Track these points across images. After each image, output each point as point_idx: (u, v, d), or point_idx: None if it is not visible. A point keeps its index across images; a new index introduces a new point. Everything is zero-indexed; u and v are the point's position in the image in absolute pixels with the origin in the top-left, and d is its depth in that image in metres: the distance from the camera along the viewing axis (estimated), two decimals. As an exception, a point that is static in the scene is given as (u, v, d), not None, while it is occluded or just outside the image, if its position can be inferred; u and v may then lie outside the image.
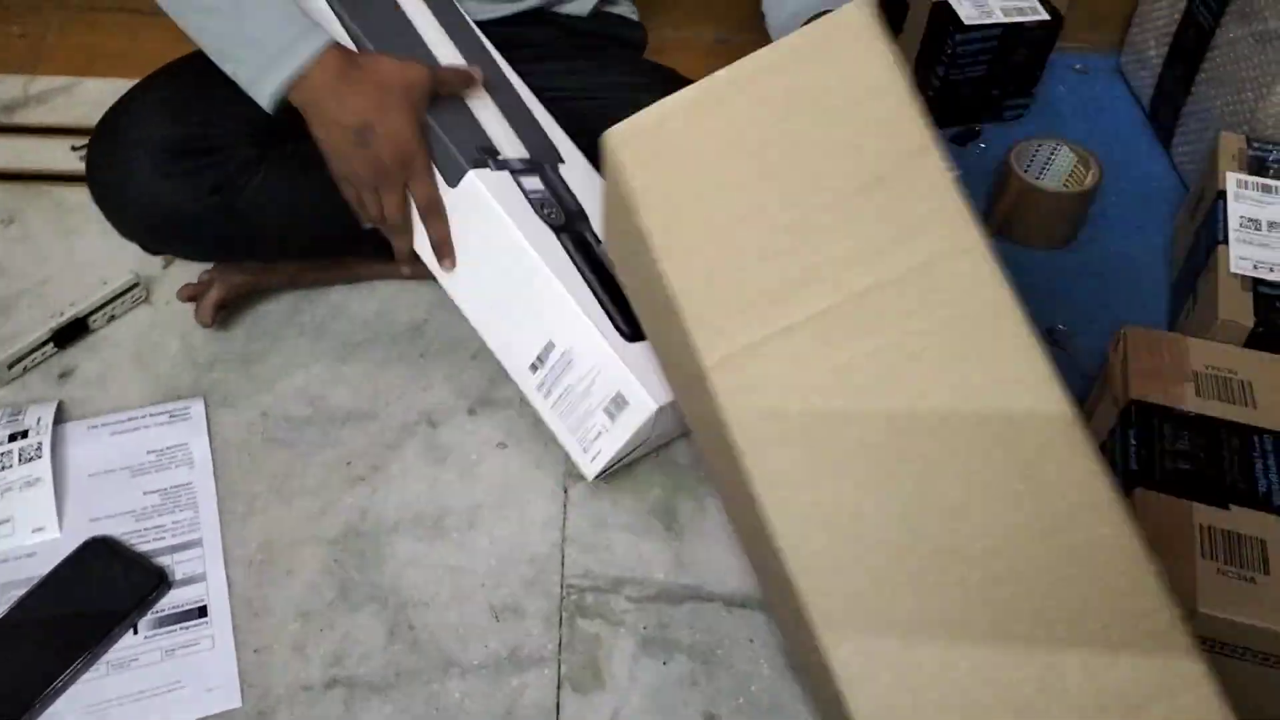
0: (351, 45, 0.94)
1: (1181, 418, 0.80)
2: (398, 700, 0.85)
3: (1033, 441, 0.52)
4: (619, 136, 0.62)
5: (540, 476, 1.01)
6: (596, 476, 0.95)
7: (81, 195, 1.00)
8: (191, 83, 0.98)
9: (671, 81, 1.10)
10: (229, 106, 0.96)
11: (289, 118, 1.01)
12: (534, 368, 0.94)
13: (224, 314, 1.11)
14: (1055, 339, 1.18)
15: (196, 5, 0.89)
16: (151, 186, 0.93)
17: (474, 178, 0.91)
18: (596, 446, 0.93)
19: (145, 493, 0.98)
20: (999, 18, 1.34)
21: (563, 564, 0.95)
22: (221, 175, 0.95)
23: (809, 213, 0.59)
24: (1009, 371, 0.53)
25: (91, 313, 1.11)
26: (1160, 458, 0.77)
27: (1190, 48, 1.35)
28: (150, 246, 1.02)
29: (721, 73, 0.62)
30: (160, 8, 0.91)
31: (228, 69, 0.89)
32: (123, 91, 1.01)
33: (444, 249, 0.95)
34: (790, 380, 0.56)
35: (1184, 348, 0.85)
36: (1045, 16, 1.36)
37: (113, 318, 1.13)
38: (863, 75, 0.60)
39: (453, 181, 0.92)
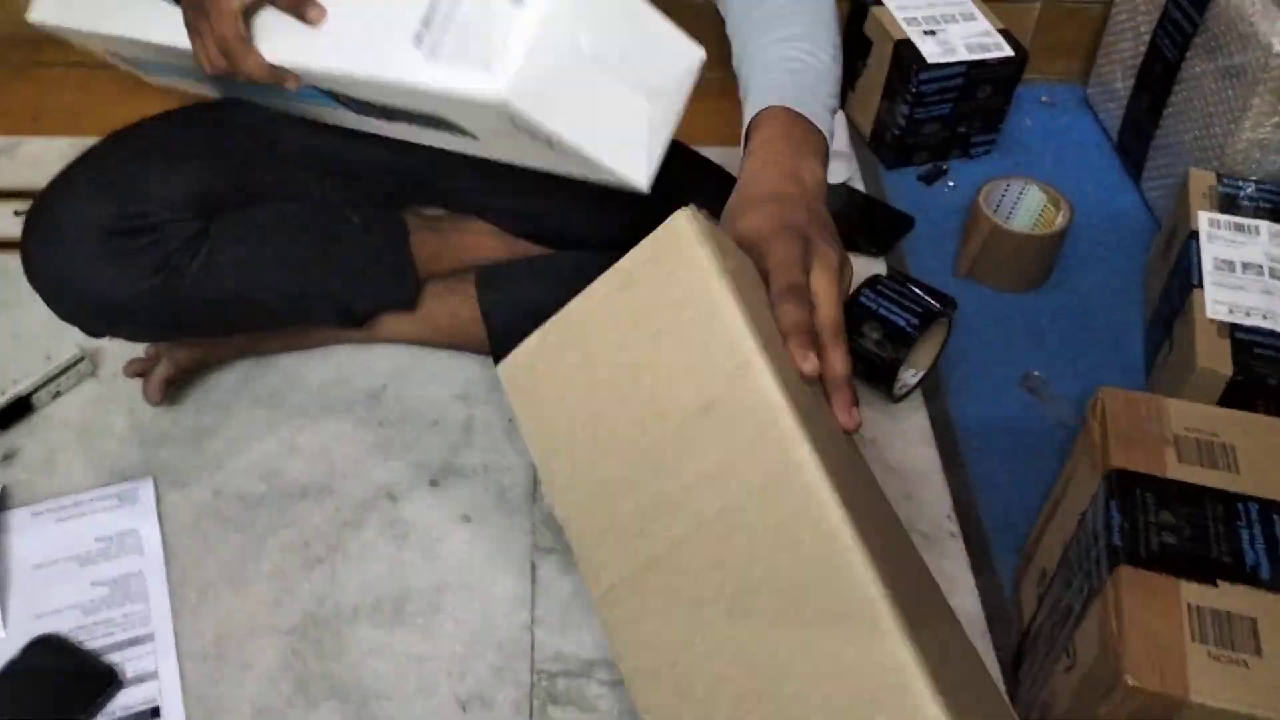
0: None
1: (1164, 486, 0.77)
2: (360, 804, 0.82)
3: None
4: (506, 370, 0.65)
5: (506, 552, 0.98)
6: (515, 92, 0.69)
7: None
8: (125, 158, 0.94)
9: None
10: (168, 180, 0.93)
11: (229, 187, 0.98)
12: (419, 38, 0.72)
13: (173, 389, 1.07)
14: (1031, 386, 1.16)
15: None
16: (90, 272, 0.89)
17: None
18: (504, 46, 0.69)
19: (93, 584, 0.94)
20: (963, 55, 1.32)
21: (532, 647, 0.91)
22: (164, 254, 0.91)
23: (660, 439, 0.59)
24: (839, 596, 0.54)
25: (35, 390, 1.06)
26: (1145, 530, 0.74)
27: (1156, 80, 1.34)
28: (93, 330, 0.98)
29: (574, 303, 0.63)
30: None
31: None
32: (67, 152, 0.97)
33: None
34: (658, 612, 0.59)
35: (1163, 410, 0.83)
36: (1010, 53, 1.34)
37: (58, 394, 1.08)
38: (691, 292, 0.59)
39: None
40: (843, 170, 1.36)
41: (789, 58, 0.80)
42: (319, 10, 0.75)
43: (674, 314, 0.59)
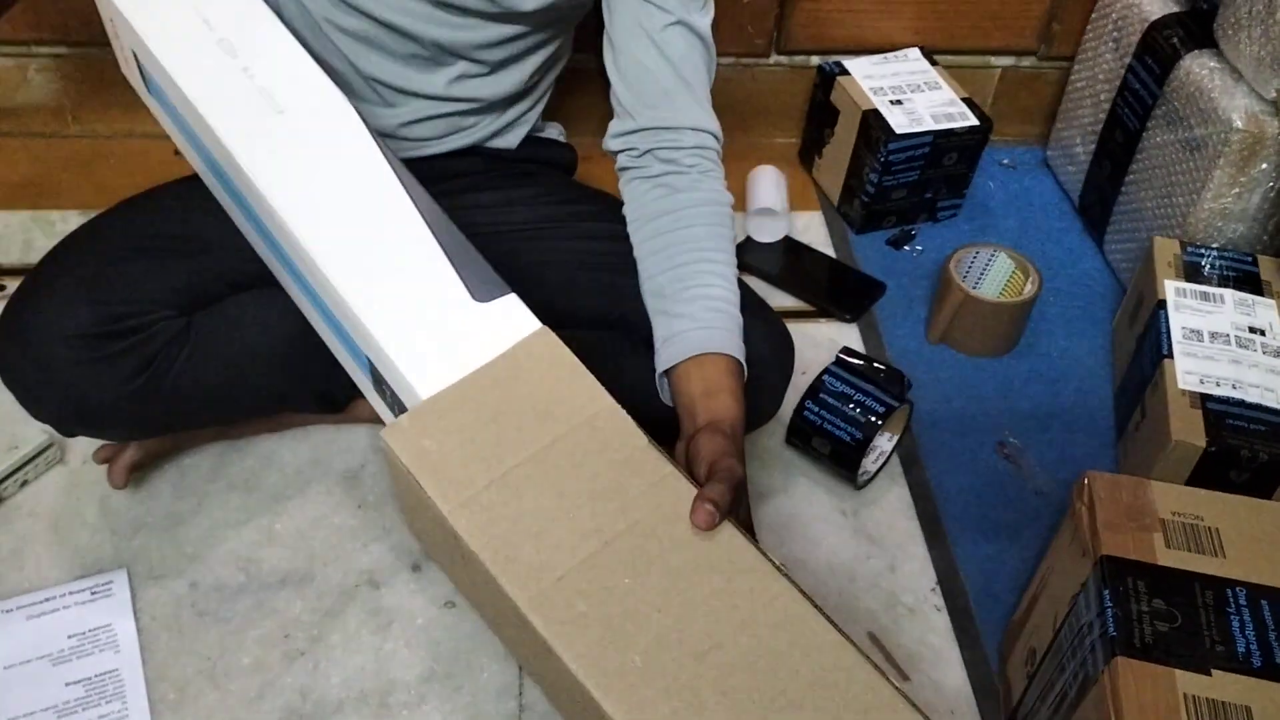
0: None
1: (1155, 573, 0.78)
2: None
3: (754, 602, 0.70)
4: (389, 434, 0.75)
5: (492, 638, 0.96)
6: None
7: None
8: (105, 254, 0.91)
9: (600, 199, 1.07)
10: (148, 278, 0.90)
11: (212, 279, 0.96)
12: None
13: (139, 474, 1.05)
14: (1007, 454, 1.17)
15: None
16: (70, 380, 0.86)
17: None
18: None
19: (67, 684, 0.91)
20: (929, 124, 1.35)
21: (522, 739, 0.90)
22: (147, 354, 0.89)
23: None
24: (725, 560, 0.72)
25: (2, 479, 1.04)
26: (1139, 620, 0.75)
27: (1118, 147, 1.37)
28: (67, 432, 0.96)
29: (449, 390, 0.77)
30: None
31: None
32: (29, 225, 0.95)
33: None
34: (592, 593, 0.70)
35: (1148, 493, 0.84)
36: (975, 122, 1.36)
37: (25, 483, 1.06)
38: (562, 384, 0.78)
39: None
40: (781, 229, 1.40)
41: (714, 299, 0.91)
42: None
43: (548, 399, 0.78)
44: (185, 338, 0.91)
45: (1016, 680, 0.92)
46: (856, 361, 1.15)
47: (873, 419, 1.07)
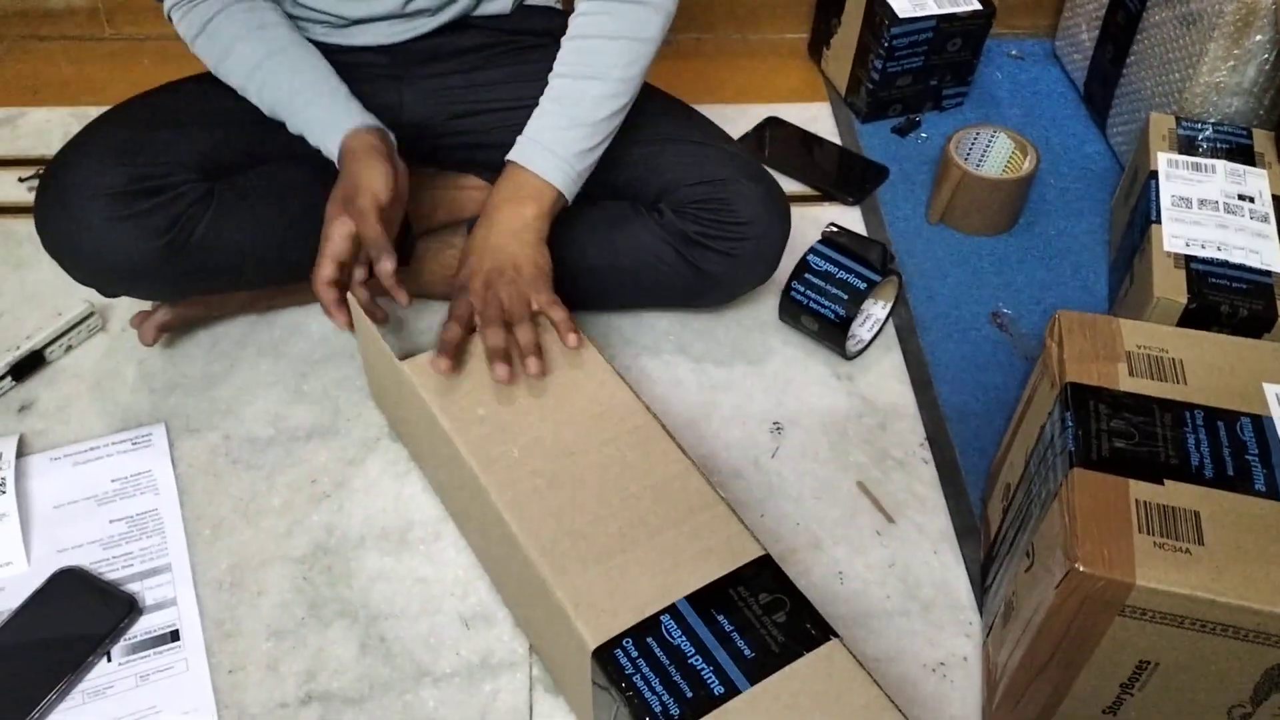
0: None
1: (1116, 397, 0.83)
2: (373, 712, 0.87)
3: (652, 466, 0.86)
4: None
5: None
6: None
7: (31, 226, 1.00)
8: (134, 125, 0.98)
9: None
10: (173, 145, 0.97)
11: (233, 151, 1.02)
12: None
13: (173, 338, 1.12)
14: (999, 323, 1.22)
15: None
16: (103, 235, 0.94)
17: None
18: None
19: (111, 521, 0.99)
20: (933, 9, 1.37)
21: (529, 569, 0.97)
22: (173, 214, 0.96)
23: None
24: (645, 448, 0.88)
25: (48, 344, 1.11)
26: (1097, 437, 0.80)
27: (1119, 30, 1.39)
28: (106, 291, 1.03)
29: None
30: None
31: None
32: (69, 121, 1.02)
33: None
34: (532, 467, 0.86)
35: (1116, 329, 0.88)
36: (978, 6, 1.39)
37: (69, 348, 1.13)
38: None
39: None
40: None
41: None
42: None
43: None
44: (208, 201, 0.98)
45: (995, 516, 0.97)
46: (840, 239, 1.19)
47: (857, 294, 1.11)
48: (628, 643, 0.74)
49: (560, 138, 0.99)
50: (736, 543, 0.80)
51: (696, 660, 0.73)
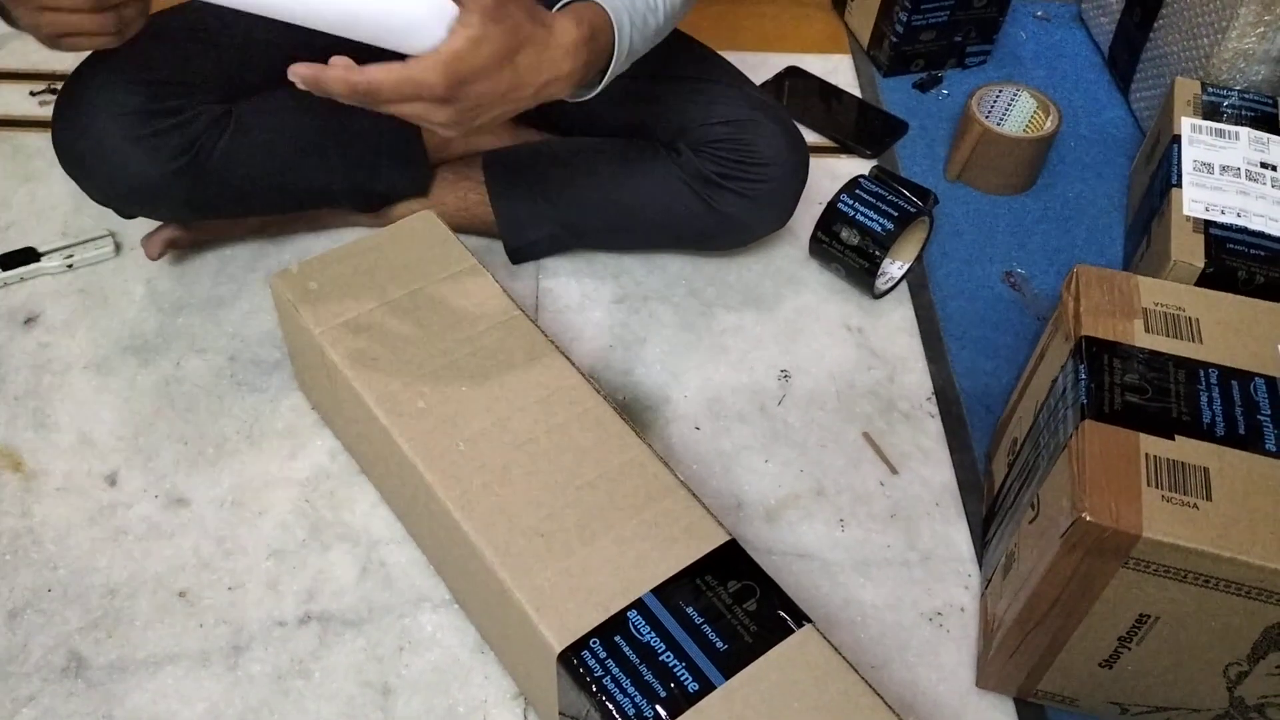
0: None
1: (1131, 352, 0.82)
2: (370, 634, 0.87)
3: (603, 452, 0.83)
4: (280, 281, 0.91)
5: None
6: None
7: (41, 140, 0.99)
8: (152, 43, 0.96)
9: None
10: (192, 64, 0.96)
11: (255, 71, 1.01)
12: None
13: (180, 257, 1.11)
14: (1013, 283, 1.21)
15: None
16: (121, 153, 0.93)
17: None
18: None
19: (115, 436, 0.99)
20: (961, -37, 1.35)
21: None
22: (190, 135, 0.94)
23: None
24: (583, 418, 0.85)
25: (49, 252, 1.11)
26: (1109, 391, 0.79)
27: (1148, -6, 1.37)
28: (124, 211, 1.02)
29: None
30: None
31: None
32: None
33: None
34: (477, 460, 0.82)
35: (1134, 285, 0.88)
36: (1006, -38, 1.37)
37: (71, 265, 1.12)
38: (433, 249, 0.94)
39: None
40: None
41: None
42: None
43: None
44: (226, 123, 0.97)
45: (999, 471, 0.97)
46: (889, 177, 1.18)
47: (907, 214, 1.11)
48: (595, 643, 0.71)
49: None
50: (699, 528, 0.77)
51: (668, 657, 0.70)
